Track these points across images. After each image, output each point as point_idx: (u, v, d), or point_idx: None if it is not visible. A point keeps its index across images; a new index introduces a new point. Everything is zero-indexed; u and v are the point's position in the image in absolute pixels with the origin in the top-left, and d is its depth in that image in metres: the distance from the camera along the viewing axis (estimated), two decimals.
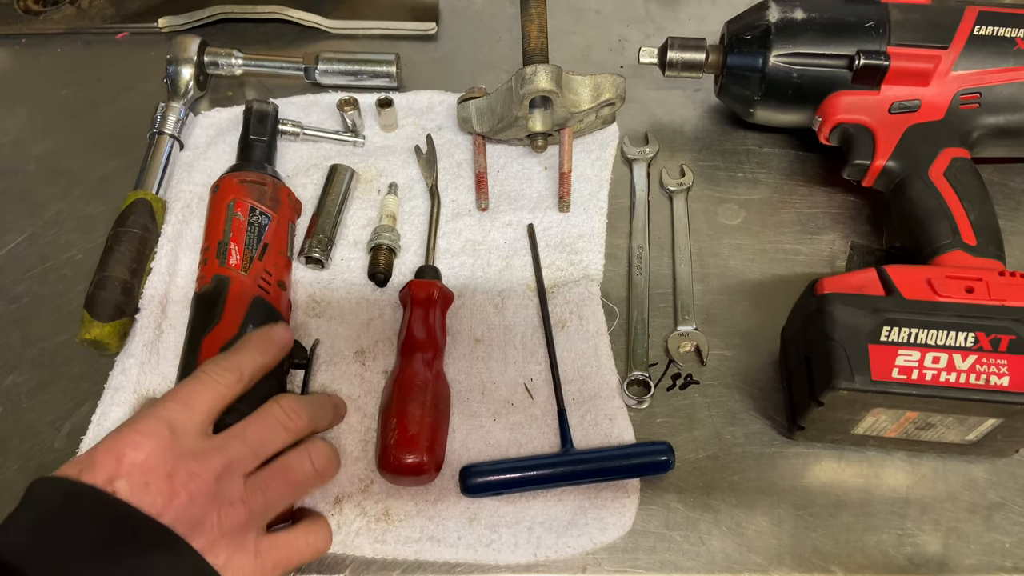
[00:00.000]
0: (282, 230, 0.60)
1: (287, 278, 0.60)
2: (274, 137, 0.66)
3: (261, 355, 0.50)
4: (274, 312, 0.56)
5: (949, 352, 0.48)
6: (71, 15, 0.77)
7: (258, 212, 0.59)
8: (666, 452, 0.53)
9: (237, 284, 0.55)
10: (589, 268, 0.63)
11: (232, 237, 0.57)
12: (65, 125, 0.72)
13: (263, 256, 0.58)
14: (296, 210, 0.64)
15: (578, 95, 0.64)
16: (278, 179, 0.63)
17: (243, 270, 0.56)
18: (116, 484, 0.41)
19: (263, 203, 0.60)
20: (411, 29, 0.77)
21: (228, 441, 0.45)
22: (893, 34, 0.60)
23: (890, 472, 0.54)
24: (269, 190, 0.61)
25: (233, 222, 0.58)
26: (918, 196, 0.57)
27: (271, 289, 0.57)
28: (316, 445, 0.49)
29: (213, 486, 0.43)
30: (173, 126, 0.67)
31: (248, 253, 0.57)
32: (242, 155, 0.65)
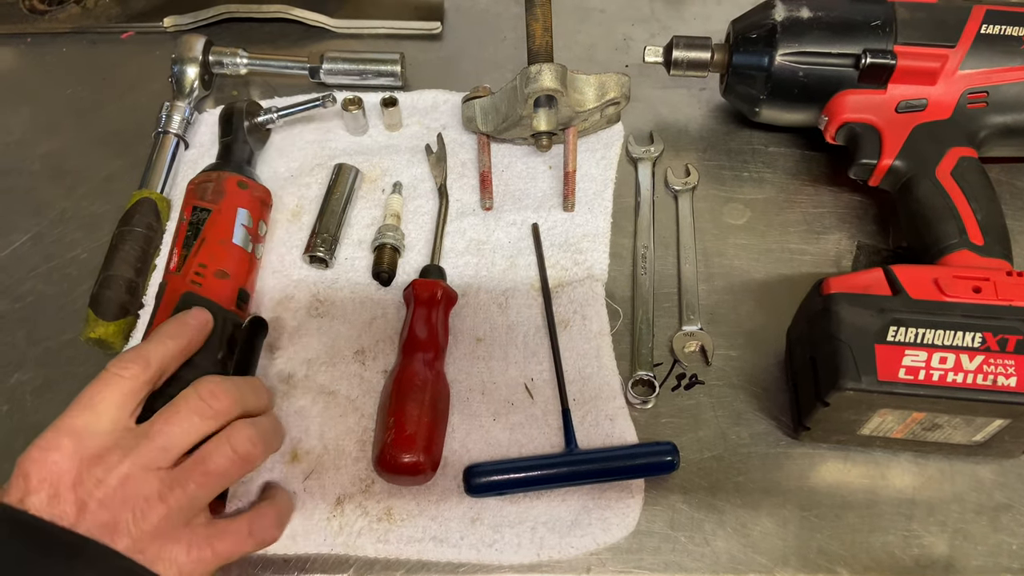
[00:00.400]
0: (223, 220, 0.59)
1: (232, 265, 0.58)
2: (242, 132, 0.65)
3: (172, 339, 0.49)
4: (204, 301, 0.55)
5: (956, 352, 0.47)
6: (76, 14, 0.77)
7: (199, 210, 0.59)
8: (671, 452, 0.53)
9: (170, 287, 0.55)
10: (593, 268, 0.63)
11: (176, 242, 0.57)
12: (70, 124, 0.72)
13: (199, 251, 0.57)
14: (257, 197, 0.62)
15: (583, 94, 0.64)
16: (228, 171, 0.61)
17: (177, 270, 0.56)
18: (27, 501, 0.41)
19: (204, 199, 0.59)
20: (416, 28, 0.77)
21: (137, 439, 0.44)
22: (900, 33, 0.60)
23: (896, 473, 0.54)
24: (212, 185, 0.60)
25: (180, 227, 0.58)
26: (925, 196, 0.57)
27: (205, 280, 0.56)
28: (236, 429, 0.47)
29: (121, 488, 0.43)
30: (178, 125, 0.67)
31: (184, 253, 0.57)
32: (216, 159, 0.65)
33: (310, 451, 0.55)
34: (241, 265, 0.59)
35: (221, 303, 0.56)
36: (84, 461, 0.43)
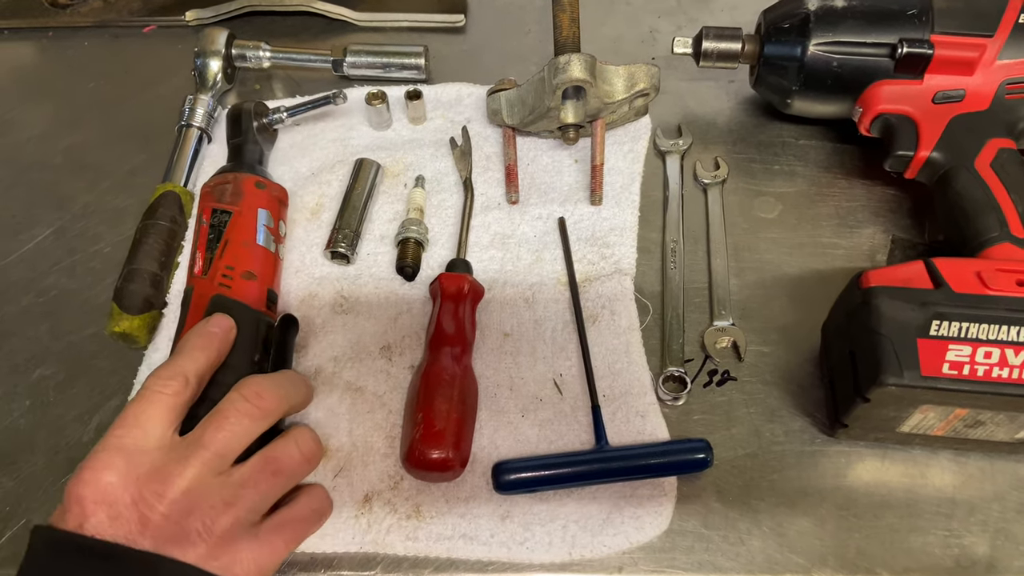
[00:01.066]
0: (245, 221, 0.58)
1: (258, 266, 0.58)
2: (252, 133, 0.65)
3: (201, 351, 0.49)
4: (234, 304, 0.55)
5: (1001, 347, 0.46)
6: (98, 8, 0.77)
7: (219, 212, 0.58)
8: (704, 450, 0.52)
9: (197, 289, 0.55)
10: (621, 262, 0.62)
11: (198, 245, 0.57)
12: (92, 118, 0.72)
13: (223, 253, 0.56)
14: (275, 197, 0.62)
15: (612, 85, 0.63)
16: (244, 171, 0.61)
17: (204, 274, 0.56)
18: (87, 526, 0.41)
19: (223, 201, 0.59)
20: (439, 21, 0.77)
21: (189, 448, 0.44)
22: (937, 22, 0.59)
23: (936, 472, 0.53)
24: (230, 187, 0.59)
25: (200, 231, 0.58)
26: (964, 188, 0.56)
27: (233, 283, 0.55)
28: (301, 431, 0.49)
29: (184, 499, 0.43)
30: (201, 119, 0.67)
31: (208, 256, 0.56)
32: (227, 161, 0.64)
33: (339, 448, 0.54)
34: (267, 266, 0.59)
35: (251, 304, 0.55)
36: (140, 478, 0.42)
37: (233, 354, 0.51)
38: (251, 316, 0.54)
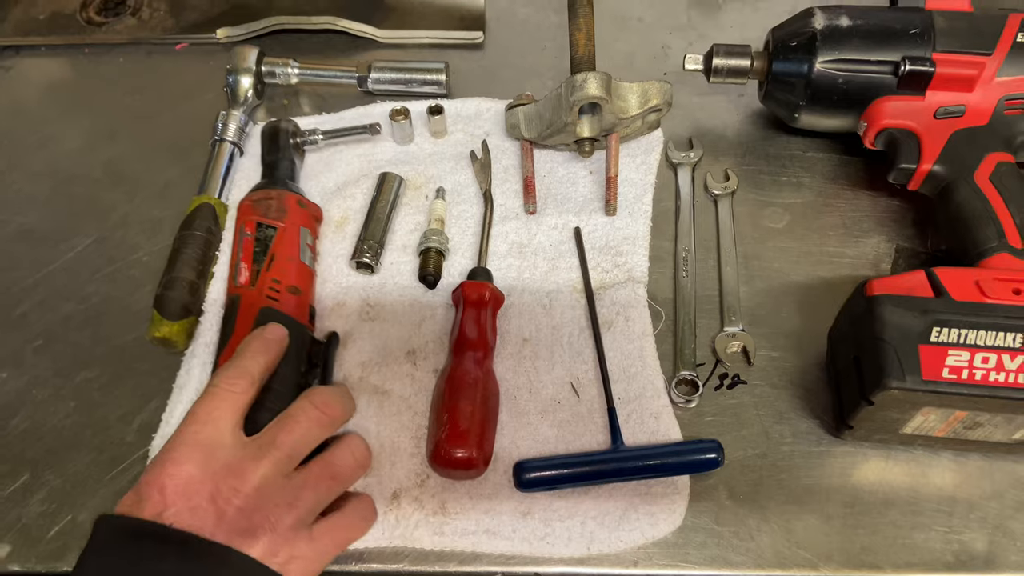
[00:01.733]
0: (290, 237, 0.62)
1: (303, 281, 0.61)
2: (287, 151, 0.68)
3: (262, 355, 0.52)
4: (284, 317, 0.57)
5: (998, 352, 0.49)
6: (132, 26, 0.80)
7: (264, 226, 0.61)
8: (715, 450, 0.54)
9: (245, 300, 0.57)
10: (634, 270, 0.65)
11: (242, 257, 0.60)
12: (128, 132, 0.74)
13: (270, 266, 0.59)
14: (313, 215, 0.65)
15: (626, 101, 0.65)
16: (289, 190, 0.64)
17: (251, 285, 0.58)
18: (166, 515, 0.43)
19: (268, 216, 0.61)
20: (458, 38, 0.79)
21: (263, 449, 0.47)
22: (938, 41, 0.61)
23: (937, 471, 0.55)
24: (275, 203, 0.62)
25: (244, 242, 0.60)
26: (964, 200, 0.58)
27: (281, 296, 0.58)
28: (354, 439, 0.52)
29: (256, 496, 0.45)
30: (234, 133, 0.70)
31: (255, 268, 0.59)
32: (263, 175, 0.67)
33: None
34: (308, 282, 0.62)
35: (296, 319, 0.58)
36: (217, 473, 0.45)
37: (282, 364, 0.54)
38: (297, 329, 0.58)
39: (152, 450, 0.57)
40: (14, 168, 0.73)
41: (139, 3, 0.81)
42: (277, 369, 0.53)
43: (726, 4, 0.81)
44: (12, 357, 0.62)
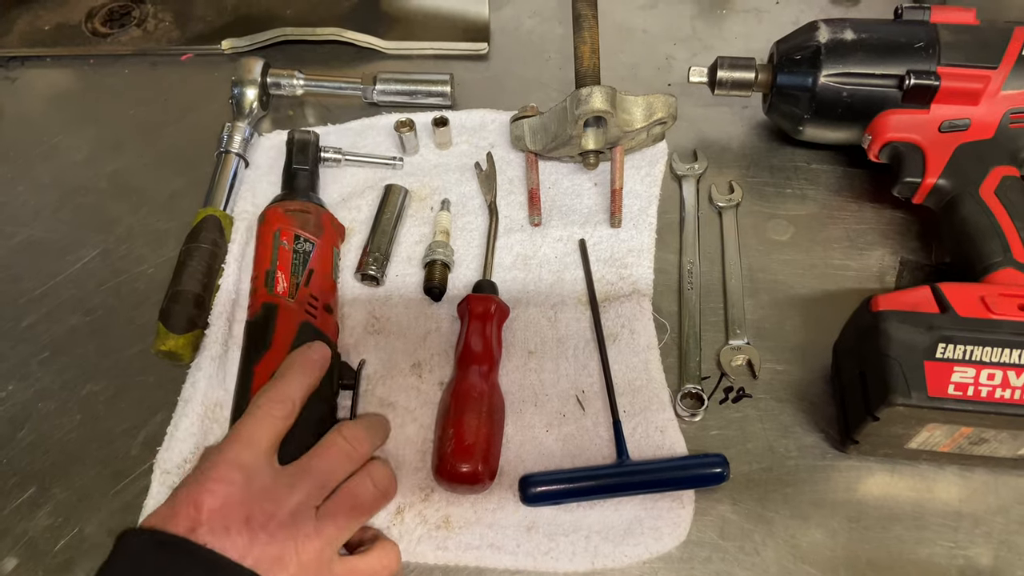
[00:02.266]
0: (326, 255, 0.62)
1: (333, 301, 0.62)
2: (316, 165, 0.68)
3: (307, 378, 0.52)
4: (321, 335, 0.58)
5: (1004, 369, 0.49)
6: (137, 37, 0.80)
7: (303, 239, 0.61)
8: (721, 464, 0.54)
9: (285, 311, 0.57)
10: (639, 283, 0.65)
11: (279, 266, 0.59)
12: (134, 144, 0.75)
13: (308, 282, 0.59)
14: (340, 235, 0.66)
15: (631, 114, 0.65)
16: (321, 206, 0.65)
17: (290, 297, 0.58)
18: (198, 532, 0.43)
19: (307, 230, 0.62)
20: (463, 49, 0.79)
21: (297, 477, 0.47)
22: (943, 54, 0.61)
23: (942, 486, 0.55)
24: (312, 217, 0.63)
25: (280, 251, 0.60)
26: (969, 214, 0.58)
27: (318, 313, 0.59)
28: (376, 467, 0.52)
29: (289, 523, 0.46)
30: (239, 145, 0.70)
31: (294, 280, 0.59)
32: (286, 184, 0.67)
33: None
34: (337, 301, 0.62)
35: (331, 338, 0.59)
36: (254, 496, 0.45)
37: (318, 391, 0.54)
38: (332, 350, 0.58)
39: (157, 463, 0.57)
40: (19, 179, 0.73)
41: (144, 14, 0.81)
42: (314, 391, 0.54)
43: (730, 15, 0.81)
44: (18, 369, 0.62)
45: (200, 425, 0.59)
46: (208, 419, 0.59)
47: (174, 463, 0.57)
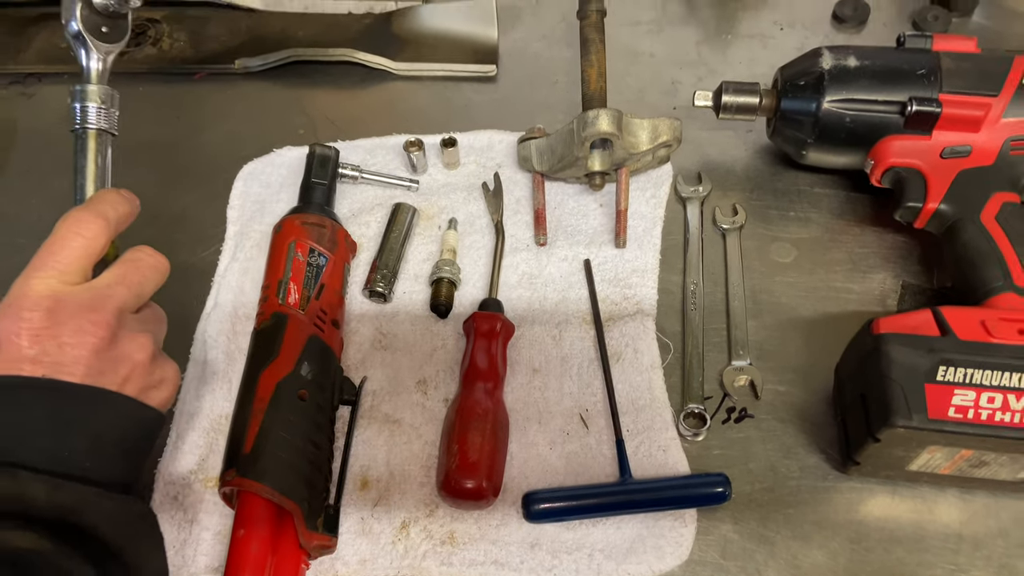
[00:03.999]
0: (338, 271, 0.63)
1: (340, 316, 0.63)
2: (334, 180, 0.69)
3: (124, 204, 0.53)
4: (328, 350, 0.59)
5: (1004, 392, 0.49)
6: (153, 56, 0.82)
7: (317, 253, 0.62)
8: (723, 483, 0.55)
9: (294, 322, 0.58)
10: (643, 303, 0.65)
11: (292, 277, 0.60)
12: (147, 159, 0.76)
13: (319, 296, 0.60)
14: (352, 251, 0.67)
15: (636, 137, 0.66)
16: (336, 221, 0.66)
17: (301, 308, 0.59)
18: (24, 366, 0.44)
19: (322, 245, 0.63)
20: (472, 71, 0.81)
21: (111, 288, 0.49)
22: (945, 82, 0.62)
23: (943, 508, 0.56)
24: (328, 232, 0.64)
25: (293, 262, 0.61)
26: (970, 239, 0.59)
27: (326, 328, 0.59)
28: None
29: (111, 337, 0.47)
30: (95, 116, 0.58)
31: (306, 292, 0.60)
32: (303, 197, 0.68)
33: (379, 479, 0.58)
34: (344, 317, 0.63)
35: (336, 353, 0.60)
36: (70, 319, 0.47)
37: (318, 398, 0.56)
38: (335, 364, 0.59)
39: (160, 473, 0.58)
40: (35, 193, 0.74)
41: (160, 34, 0.82)
42: (315, 402, 0.55)
43: (735, 41, 0.83)
44: None
45: (206, 438, 0.60)
46: (214, 431, 0.60)
47: (178, 473, 0.58)
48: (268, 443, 0.52)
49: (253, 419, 0.54)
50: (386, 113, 0.78)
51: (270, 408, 0.54)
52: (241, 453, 0.52)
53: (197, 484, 0.58)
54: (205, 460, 0.59)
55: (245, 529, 0.52)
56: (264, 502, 0.52)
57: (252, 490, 0.52)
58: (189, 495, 0.57)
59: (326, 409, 0.57)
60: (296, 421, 0.54)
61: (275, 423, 0.53)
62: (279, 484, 0.51)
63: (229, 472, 0.52)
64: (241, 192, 0.73)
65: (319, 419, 0.56)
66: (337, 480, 0.57)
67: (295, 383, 0.55)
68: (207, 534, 0.56)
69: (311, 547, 0.53)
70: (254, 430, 0.53)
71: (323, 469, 0.56)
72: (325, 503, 0.55)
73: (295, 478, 0.53)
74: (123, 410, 0.47)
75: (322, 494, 0.55)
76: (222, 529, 0.56)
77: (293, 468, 0.53)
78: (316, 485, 0.54)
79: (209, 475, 0.58)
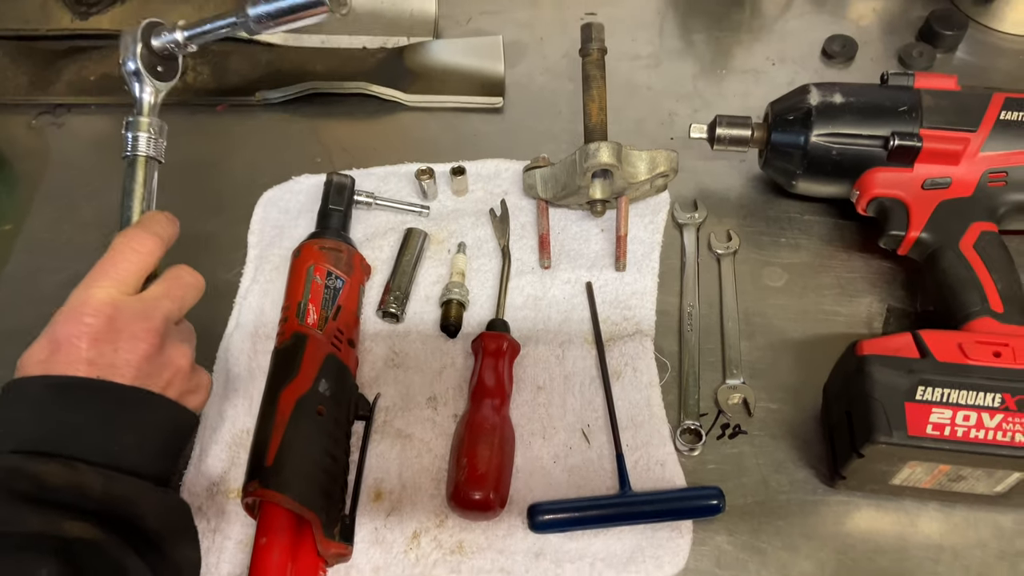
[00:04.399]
0: (354, 293, 0.67)
1: (356, 336, 0.66)
2: (350, 207, 0.73)
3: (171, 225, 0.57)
4: (344, 368, 0.62)
5: (978, 411, 0.52)
6: (178, 88, 0.83)
7: (334, 276, 0.65)
8: (717, 496, 0.58)
9: (313, 342, 0.61)
10: (642, 324, 0.69)
11: (311, 299, 0.64)
12: (171, 186, 0.78)
13: (336, 317, 0.64)
14: (367, 274, 0.70)
15: (635, 167, 0.70)
16: (352, 246, 0.69)
17: (319, 329, 0.62)
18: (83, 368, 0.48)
19: (339, 268, 0.66)
20: (480, 103, 0.84)
21: (159, 301, 0.52)
22: (925, 118, 0.66)
23: (925, 520, 0.59)
24: (344, 256, 0.67)
25: (312, 285, 0.64)
26: (950, 266, 0.62)
27: (342, 347, 0.63)
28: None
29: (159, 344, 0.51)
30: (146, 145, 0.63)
31: (324, 313, 0.63)
32: (321, 223, 0.71)
33: (392, 491, 0.61)
34: (359, 336, 0.67)
35: (352, 371, 0.63)
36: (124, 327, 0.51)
37: (335, 414, 0.59)
38: (351, 382, 0.62)
39: (185, 485, 0.61)
40: (65, 219, 0.78)
41: (184, 67, 0.86)
42: (332, 417, 0.59)
43: (729, 75, 0.87)
44: None
45: (228, 451, 0.63)
46: (236, 445, 0.63)
47: (203, 485, 0.61)
48: (289, 456, 0.56)
49: (275, 433, 0.57)
50: (398, 142, 0.82)
51: (290, 423, 0.57)
52: (264, 465, 0.56)
53: (220, 495, 0.61)
54: (228, 472, 0.62)
55: (267, 537, 0.54)
56: (285, 512, 0.55)
57: (274, 500, 0.55)
58: (212, 506, 0.60)
59: (343, 424, 0.60)
60: (315, 436, 0.58)
61: (295, 437, 0.57)
62: (299, 495, 0.55)
63: (252, 483, 0.56)
64: (261, 218, 0.76)
65: (336, 434, 0.59)
66: (352, 491, 0.60)
67: (314, 399, 0.59)
68: (229, 543, 0.59)
69: (328, 555, 0.56)
70: (276, 444, 0.56)
71: (340, 481, 0.59)
72: (341, 513, 0.58)
73: (314, 489, 0.56)
74: (166, 411, 0.52)
75: (339, 505, 0.58)
76: (243, 538, 0.59)
77: (312, 480, 0.56)
78: (333, 496, 0.57)
79: (232, 487, 0.61)
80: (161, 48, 0.63)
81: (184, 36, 0.63)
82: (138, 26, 0.62)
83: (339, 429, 0.60)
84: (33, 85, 0.86)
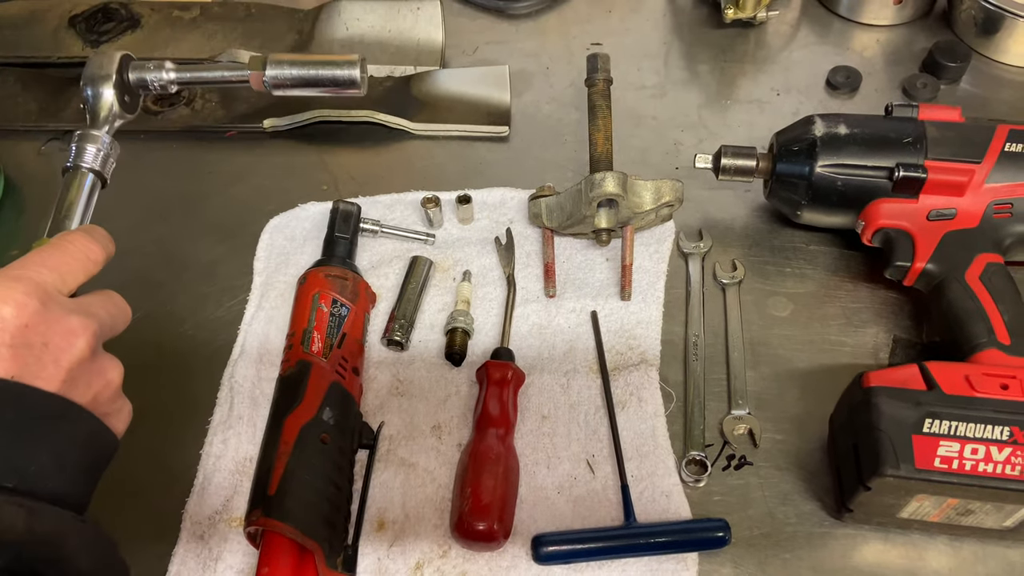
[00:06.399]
0: (359, 321, 0.67)
1: (360, 364, 0.66)
2: (356, 235, 0.73)
3: (112, 244, 0.50)
4: (348, 396, 0.62)
5: (986, 444, 0.52)
6: (186, 115, 0.87)
7: (339, 304, 0.66)
8: (723, 528, 0.58)
9: (318, 369, 0.61)
10: (647, 353, 0.69)
11: (316, 326, 0.64)
12: (179, 213, 0.80)
13: (341, 344, 0.64)
14: (372, 301, 0.71)
15: (641, 197, 0.71)
16: (357, 273, 0.70)
17: (323, 356, 0.62)
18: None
19: (344, 296, 0.66)
20: (486, 132, 0.85)
21: (95, 307, 0.45)
22: (930, 149, 0.66)
23: (933, 555, 0.58)
24: (350, 284, 0.67)
25: (317, 312, 0.65)
26: (956, 298, 0.62)
27: (347, 375, 0.63)
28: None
29: (90, 357, 0.44)
30: (92, 158, 0.58)
31: (329, 341, 0.63)
32: (327, 250, 0.72)
33: (395, 520, 0.61)
34: (363, 364, 0.67)
35: (356, 399, 0.63)
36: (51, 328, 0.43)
37: (339, 442, 0.59)
38: (355, 410, 0.62)
39: (187, 513, 0.61)
40: None
41: (193, 95, 0.87)
42: (336, 446, 0.58)
43: (734, 105, 0.87)
44: None
45: (231, 479, 0.63)
46: (239, 473, 0.63)
47: (204, 513, 0.61)
48: (292, 485, 0.55)
49: (278, 462, 0.56)
50: (404, 171, 0.82)
51: (294, 451, 0.57)
52: (267, 494, 0.55)
53: (222, 524, 0.60)
54: (230, 501, 0.62)
55: (269, 567, 0.54)
56: (288, 541, 0.55)
57: (276, 530, 0.54)
58: (214, 534, 0.60)
59: (347, 453, 0.60)
60: (318, 464, 0.57)
61: (299, 466, 0.56)
62: (302, 524, 0.54)
63: (255, 512, 0.55)
64: (267, 244, 0.77)
65: (340, 462, 0.59)
66: (355, 521, 0.60)
67: (318, 428, 0.59)
68: (231, 572, 0.58)
69: None
70: (279, 472, 0.56)
71: (343, 510, 0.58)
72: (344, 543, 0.58)
73: (317, 519, 0.55)
74: (88, 427, 0.43)
75: (342, 534, 0.58)
76: (245, 567, 0.59)
77: (315, 509, 0.56)
78: (336, 526, 0.57)
79: (234, 515, 0.61)
80: (139, 80, 0.62)
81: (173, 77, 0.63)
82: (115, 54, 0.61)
83: (343, 457, 0.59)
84: (43, 112, 0.87)
